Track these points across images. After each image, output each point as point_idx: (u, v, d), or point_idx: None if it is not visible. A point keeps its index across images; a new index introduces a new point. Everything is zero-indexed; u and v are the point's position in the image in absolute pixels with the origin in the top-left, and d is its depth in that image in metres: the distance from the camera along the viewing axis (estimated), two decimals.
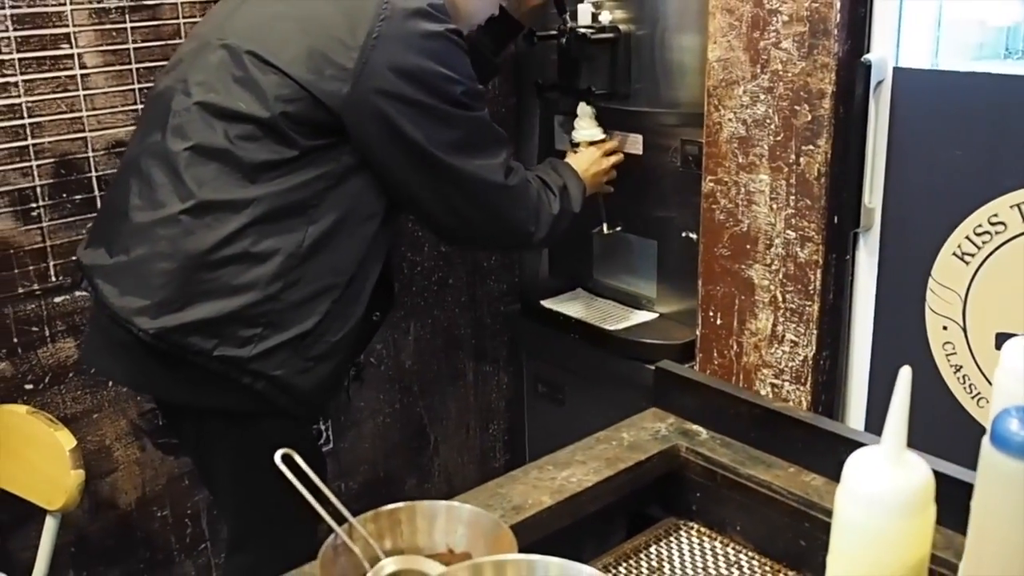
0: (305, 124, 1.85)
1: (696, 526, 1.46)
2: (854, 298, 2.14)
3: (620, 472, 1.43)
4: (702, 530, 1.45)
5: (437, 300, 3.11)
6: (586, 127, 2.56)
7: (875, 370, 2.12)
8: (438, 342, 3.15)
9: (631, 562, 1.38)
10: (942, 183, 1.93)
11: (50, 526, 2.14)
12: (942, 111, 1.92)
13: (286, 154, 1.85)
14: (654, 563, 1.38)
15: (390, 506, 1.17)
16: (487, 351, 3.26)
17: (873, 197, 2.04)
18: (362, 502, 1.19)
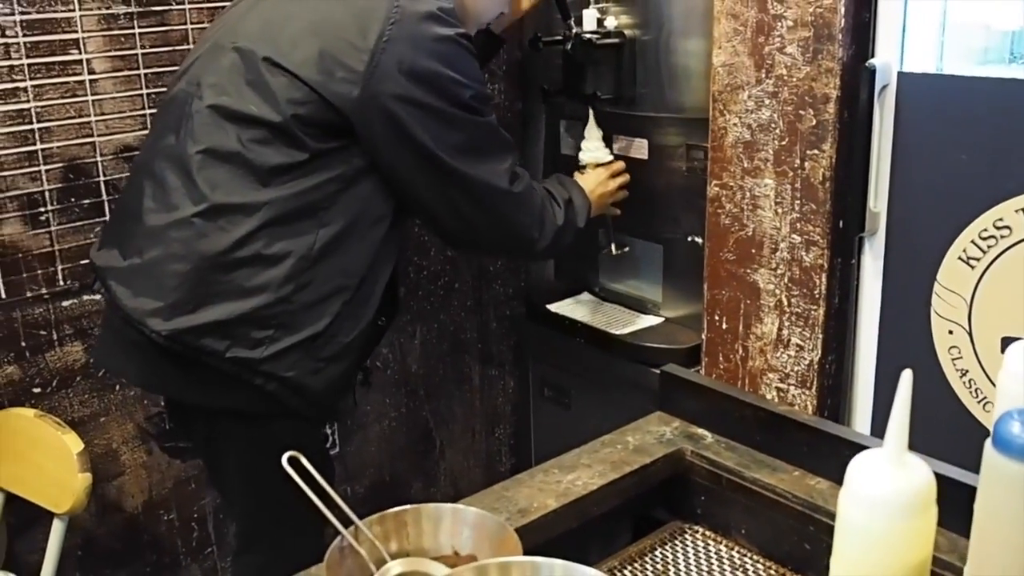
0: (316, 126, 1.86)
1: (701, 529, 1.47)
2: (859, 302, 2.14)
3: (625, 475, 1.43)
4: (707, 533, 1.46)
5: (443, 304, 3.11)
6: (593, 148, 2.55)
7: (880, 374, 2.12)
8: (444, 346, 3.16)
9: (636, 565, 1.39)
10: (947, 187, 1.93)
11: (57, 529, 2.15)
12: (947, 115, 1.92)
13: (297, 157, 1.85)
14: (659, 566, 1.39)
15: (396, 509, 1.17)
16: (493, 355, 3.27)
17: (878, 201, 2.04)
18: (368, 505, 1.19)
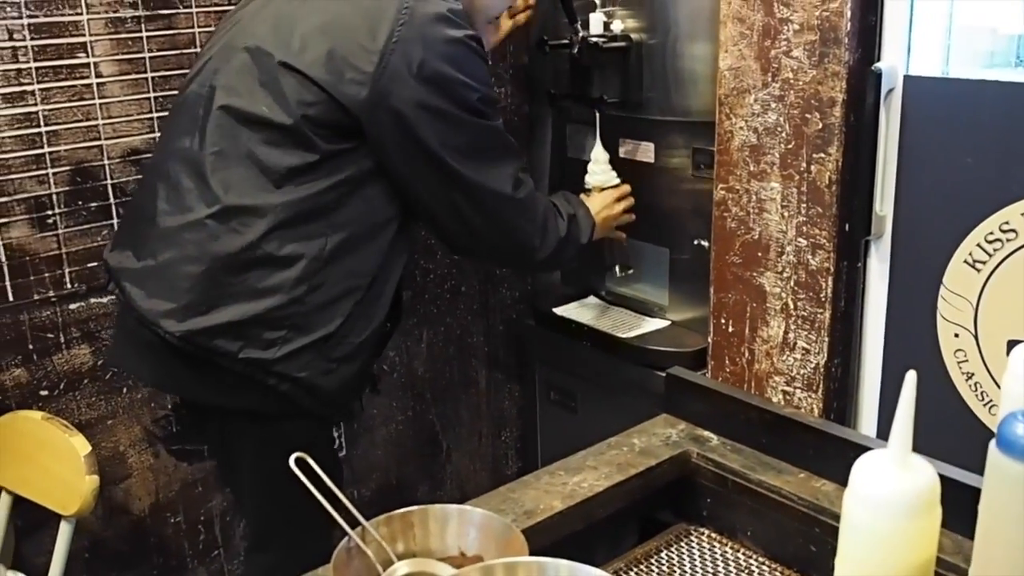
0: (326, 127, 1.87)
1: (707, 531, 1.47)
2: (865, 305, 2.14)
3: (631, 477, 1.43)
4: (712, 535, 1.46)
5: (450, 308, 3.11)
6: (599, 171, 2.55)
7: (887, 377, 2.12)
8: (451, 349, 3.16)
9: (642, 567, 1.39)
10: (953, 191, 1.93)
11: (64, 531, 2.15)
12: (953, 119, 1.92)
13: (308, 158, 1.87)
14: (665, 568, 1.39)
15: (403, 510, 1.18)
16: (499, 358, 3.27)
17: (884, 205, 2.04)
18: (375, 508, 1.19)
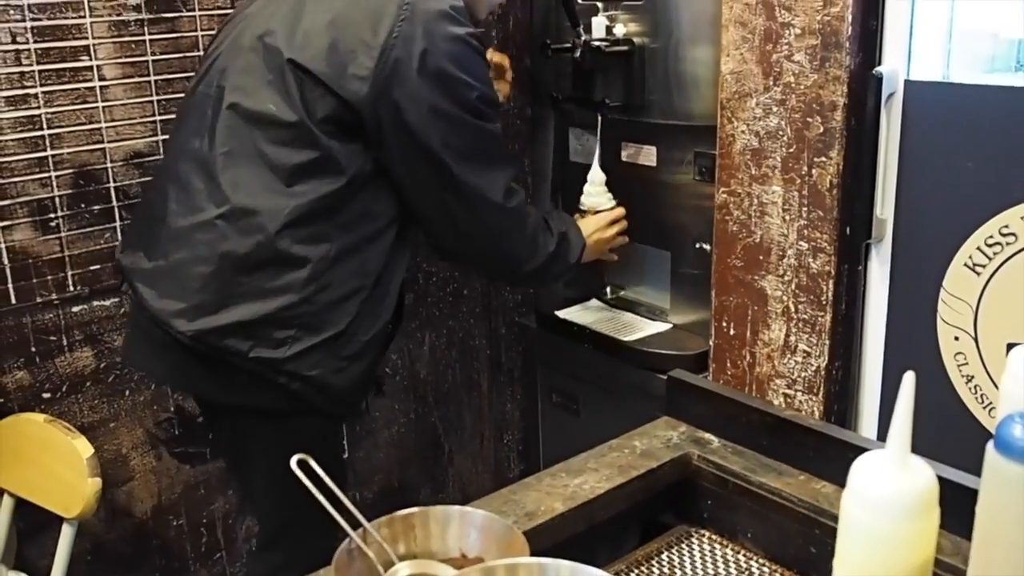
0: (329, 123, 1.88)
1: (708, 533, 1.47)
2: (866, 309, 2.14)
3: (632, 479, 1.43)
4: (713, 537, 1.46)
5: (452, 310, 3.12)
6: (595, 194, 2.56)
7: (887, 380, 2.12)
8: (453, 352, 3.16)
9: (643, 569, 1.39)
10: (953, 195, 1.94)
11: (67, 534, 2.15)
12: (953, 123, 1.93)
13: (314, 156, 1.88)
14: (666, 570, 1.39)
15: (404, 511, 1.18)
16: (502, 361, 3.27)
17: (885, 208, 2.05)
18: (377, 511, 1.19)
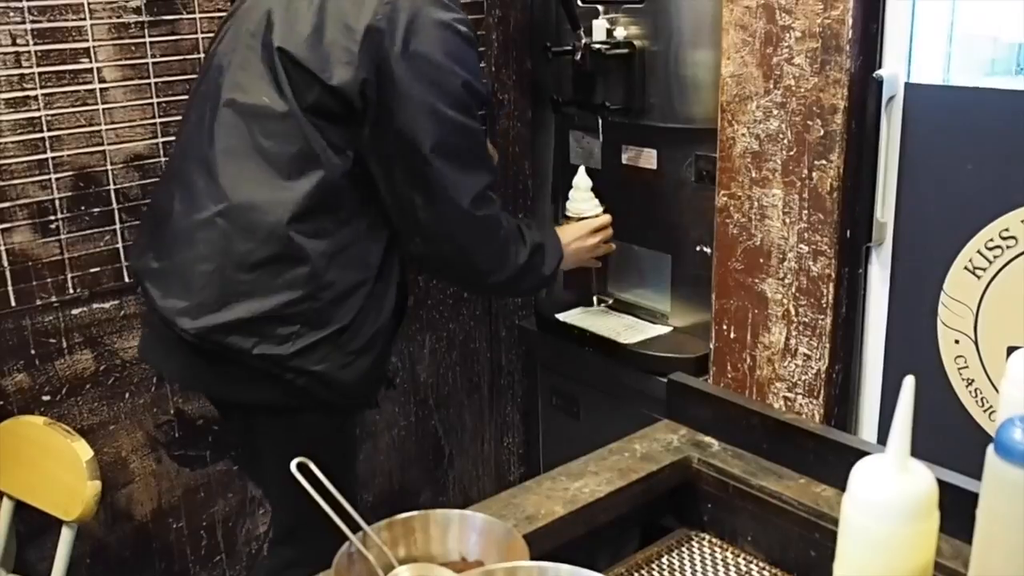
0: (319, 113, 1.87)
1: (708, 536, 1.47)
2: (867, 312, 2.14)
3: (632, 483, 1.43)
4: (714, 540, 1.46)
5: (453, 313, 3.12)
6: (580, 200, 2.52)
7: (887, 383, 2.12)
8: (453, 355, 3.16)
9: (643, 572, 1.39)
10: (954, 198, 1.94)
11: (66, 536, 2.15)
12: (954, 126, 1.93)
13: (307, 148, 1.87)
14: (666, 573, 1.39)
15: (404, 514, 1.18)
16: (502, 364, 3.27)
17: (885, 211, 2.05)
18: (377, 514, 1.19)
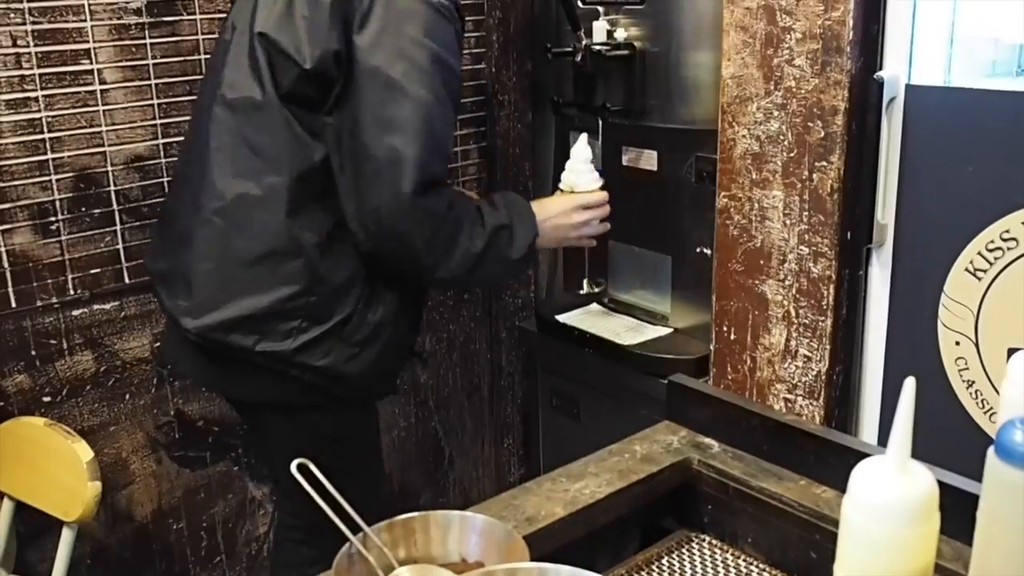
0: (299, 100, 1.85)
1: (708, 538, 1.47)
2: (867, 313, 2.14)
3: (633, 484, 1.43)
4: (714, 542, 1.46)
5: (453, 315, 3.12)
6: (576, 171, 2.29)
7: (888, 385, 2.12)
8: (454, 356, 3.16)
9: (643, 574, 1.39)
10: (954, 199, 1.94)
11: (66, 537, 2.15)
12: (954, 128, 1.93)
13: (291, 138, 1.86)
14: (666, 575, 1.39)
15: (404, 516, 1.18)
16: (502, 365, 3.27)
17: (886, 213, 2.05)
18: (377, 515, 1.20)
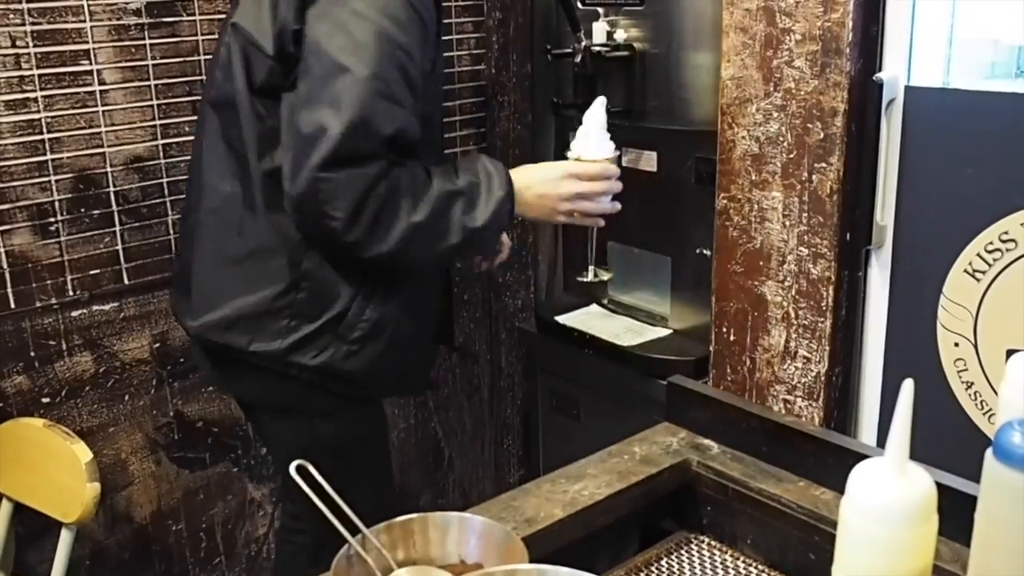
0: (270, 93, 1.79)
1: (707, 539, 1.47)
2: (866, 315, 2.14)
3: (632, 485, 1.43)
4: (713, 543, 1.46)
5: (452, 315, 3.11)
6: (585, 136, 2.05)
7: (887, 386, 2.12)
8: (453, 357, 3.16)
9: (642, 575, 1.39)
10: (953, 201, 1.94)
11: (65, 539, 2.15)
12: (954, 129, 1.93)
13: (264, 131, 1.81)
14: None
15: (403, 517, 1.18)
16: (502, 366, 3.27)
17: (885, 214, 2.05)
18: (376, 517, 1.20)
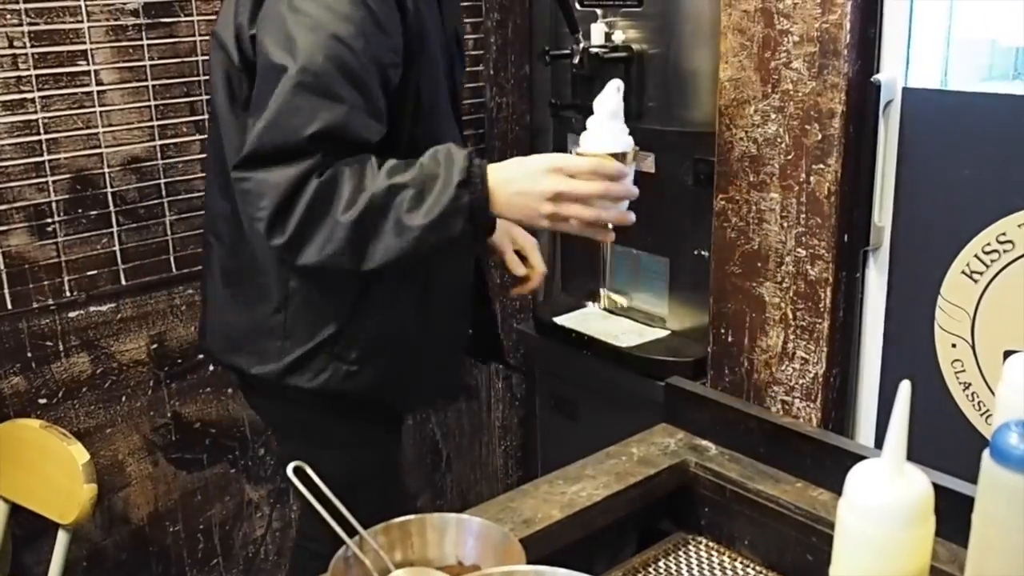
0: (244, 105, 1.69)
1: (705, 540, 1.47)
2: (864, 316, 2.14)
3: (630, 487, 1.43)
4: (711, 544, 1.46)
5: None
6: (592, 125, 1.62)
7: (885, 387, 2.12)
8: None
9: None
10: (951, 202, 1.94)
11: (62, 540, 2.14)
12: (951, 131, 1.93)
13: (241, 145, 1.65)
14: None
15: (401, 518, 1.18)
16: (500, 367, 3.26)
17: (883, 216, 2.05)
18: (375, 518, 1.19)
